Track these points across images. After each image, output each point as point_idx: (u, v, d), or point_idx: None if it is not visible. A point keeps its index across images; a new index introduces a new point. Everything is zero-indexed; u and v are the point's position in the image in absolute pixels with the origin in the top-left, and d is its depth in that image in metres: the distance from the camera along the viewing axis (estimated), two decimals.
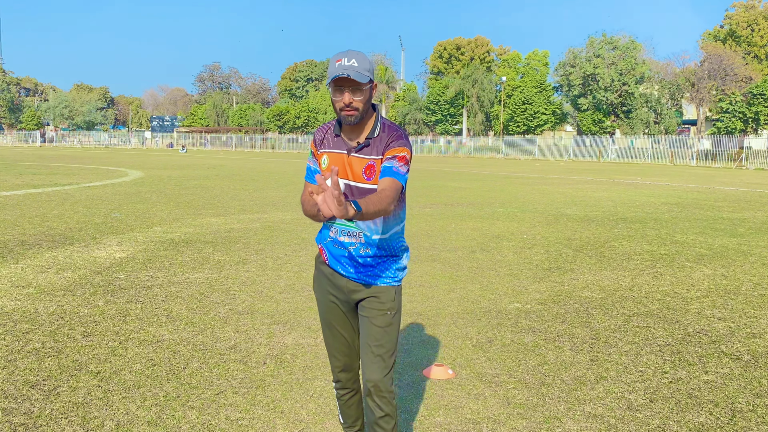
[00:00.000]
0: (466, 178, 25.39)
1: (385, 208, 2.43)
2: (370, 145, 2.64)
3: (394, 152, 2.59)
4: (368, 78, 2.55)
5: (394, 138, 2.63)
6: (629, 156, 52.27)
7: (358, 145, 2.65)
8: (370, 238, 2.70)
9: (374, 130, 2.65)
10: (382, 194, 2.46)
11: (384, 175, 2.56)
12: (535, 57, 74.79)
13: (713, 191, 20.14)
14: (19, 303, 5.76)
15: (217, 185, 19.46)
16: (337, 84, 2.55)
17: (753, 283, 7.01)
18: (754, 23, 68.23)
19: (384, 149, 2.62)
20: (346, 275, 2.77)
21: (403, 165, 2.58)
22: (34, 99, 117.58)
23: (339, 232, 2.74)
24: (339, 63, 2.52)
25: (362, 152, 2.65)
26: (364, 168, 2.64)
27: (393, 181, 2.53)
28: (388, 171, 2.56)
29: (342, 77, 2.51)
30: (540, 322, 5.49)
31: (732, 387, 4.13)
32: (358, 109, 2.57)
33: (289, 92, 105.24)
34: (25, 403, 3.71)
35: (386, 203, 2.43)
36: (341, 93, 2.55)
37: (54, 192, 16.09)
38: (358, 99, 2.55)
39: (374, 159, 2.63)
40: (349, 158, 2.66)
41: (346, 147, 2.67)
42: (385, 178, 2.55)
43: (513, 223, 11.55)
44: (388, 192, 2.48)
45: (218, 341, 4.85)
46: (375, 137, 2.65)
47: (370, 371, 2.68)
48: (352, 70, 2.50)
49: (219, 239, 9.32)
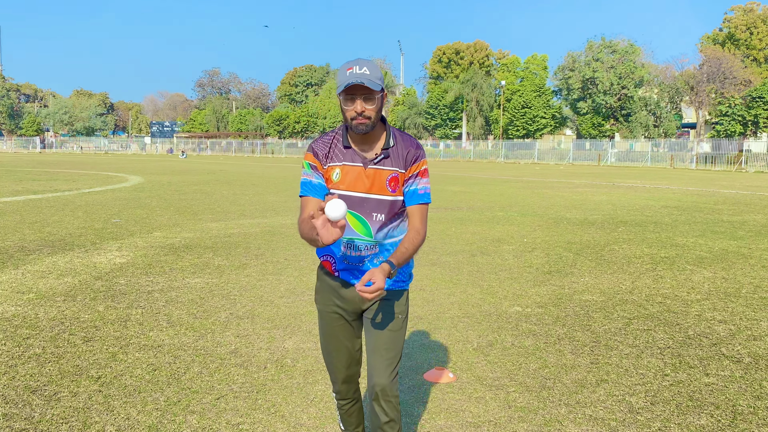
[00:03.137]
0: (465, 182, 25.40)
1: (419, 244, 2.60)
2: (390, 156, 2.61)
3: (419, 167, 2.64)
4: (380, 86, 2.51)
5: (414, 150, 2.64)
6: (629, 159, 52.31)
7: (376, 157, 2.60)
8: (383, 245, 2.69)
9: (389, 140, 2.62)
10: (414, 236, 2.60)
11: (412, 201, 2.63)
12: (534, 61, 74.89)
13: (713, 194, 20.15)
14: (19, 308, 5.76)
15: (217, 190, 19.47)
16: (348, 92, 2.48)
17: (753, 286, 7.01)
18: (753, 26, 68.36)
19: (406, 163, 2.61)
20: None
21: (426, 181, 2.66)
22: (33, 105, 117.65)
23: (354, 247, 2.67)
24: (350, 71, 2.46)
25: (382, 163, 2.60)
26: (388, 180, 2.60)
27: (422, 210, 2.64)
28: (416, 196, 2.63)
29: (354, 85, 2.46)
30: (540, 325, 5.49)
31: (733, 389, 4.13)
32: (370, 117, 2.50)
33: (289, 97, 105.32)
34: (25, 408, 3.70)
35: (419, 242, 2.61)
36: (353, 101, 2.49)
37: (54, 198, 16.09)
38: (371, 107, 2.50)
39: (397, 171, 2.61)
40: (367, 170, 2.60)
41: (360, 159, 2.61)
42: (413, 207, 2.63)
43: (513, 227, 11.56)
44: (419, 233, 2.62)
45: (219, 346, 4.85)
46: (392, 147, 2.61)
47: (378, 375, 2.66)
48: (365, 77, 2.44)
49: (219, 244, 9.32)
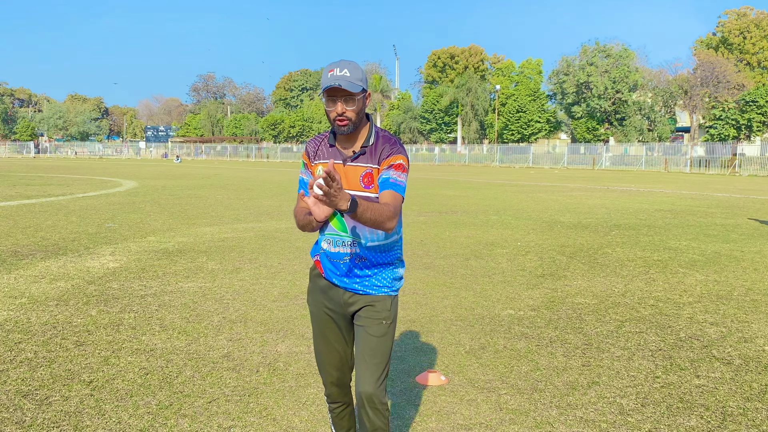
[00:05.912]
0: (460, 187, 25.45)
1: (383, 222, 2.46)
2: (366, 153, 2.65)
3: (392, 161, 2.61)
4: (361, 87, 2.55)
5: (390, 146, 2.64)
6: (623, 163, 52.44)
7: (354, 154, 2.65)
8: (365, 246, 2.69)
9: (369, 139, 2.66)
10: (384, 207, 2.47)
11: (384, 187, 2.57)
12: (529, 65, 75.08)
13: (706, 198, 20.23)
14: (11, 313, 5.75)
15: (212, 195, 19.46)
16: (329, 94, 2.55)
17: (745, 289, 7.04)
18: (746, 31, 68.71)
19: (381, 158, 2.63)
20: (342, 286, 2.75)
21: (401, 173, 2.60)
22: (28, 110, 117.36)
23: (334, 243, 2.71)
24: (331, 73, 2.52)
25: (358, 160, 2.65)
26: (362, 176, 2.63)
27: (393, 195, 2.55)
28: (387, 183, 2.58)
29: (334, 87, 2.51)
30: (533, 328, 5.50)
31: (723, 391, 4.15)
32: (350, 119, 2.56)
33: (284, 102, 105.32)
34: (17, 412, 3.70)
35: (385, 217, 2.45)
36: (334, 103, 2.55)
37: (47, 202, 16.06)
38: (351, 109, 2.55)
39: (371, 167, 2.64)
40: (345, 167, 2.65)
41: (341, 157, 2.67)
42: (385, 192, 2.56)
43: (507, 231, 11.58)
44: (389, 207, 2.49)
45: (211, 350, 4.85)
46: (370, 145, 2.66)
47: (364, 381, 2.66)
48: (344, 80, 2.50)
49: (213, 248, 9.32)
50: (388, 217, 2.46)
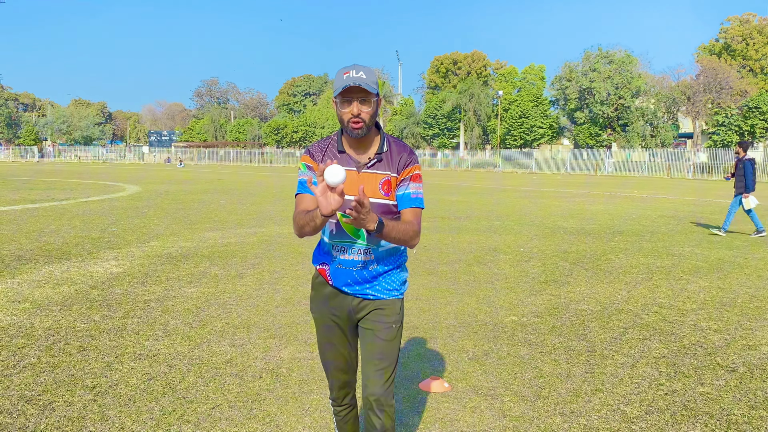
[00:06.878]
0: (463, 192, 25.44)
1: (408, 241, 2.58)
2: (383, 160, 2.65)
3: (410, 171, 2.65)
4: (376, 90, 2.56)
5: (407, 155, 2.67)
6: (626, 169, 52.41)
7: (369, 161, 2.64)
8: (377, 251, 2.68)
9: (382, 146, 2.66)
10: (408, 227, 2.56)
11: (405, 204, 2.64)
12: (532, 71, 75.23)
13: (710, 204, 20.20)
14: (15, 318, 5.75)
15: (215, 200, 19.48)
16: (345, 95, 2.55)
17: (749, 295, 7.03)
18: (749, 37, 68.71)
19: (399, 167, 2.64)
20: (352, 293, 2.72)
21: (419, 185, 2.68)
22: (32, 114, 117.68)
23: (344, 250, 2.68)
24: (347, 75, 2.53)
25: (375, 167, 2.64)
26: (381, 183, 2.63)
27: (415, 213, 2.65)
28: (408, 199, 2.64)
29: (351, 88, 2.52)
30: (536, 335, 5.49)
31: (727, 399, 4.13)
32: (365, 120, 2.56)
33: (287, 107, 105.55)
34: (20, 418, 3.70)
35: (410, 236, 2.58)
36: (349, 104, 2.56)
37: (51, 207, 16.09)
38: (367, 110, 2.56)
39: (390, 175, 2.64)
40: (360, 174, 2.63)
41: (354, 163, 2.64)
42: (407, 210, 2.64)
43: (510, 237, 11.58)
44: (414, 226, 2.60)
45: (214, 355, 4.85)
46: (385, 152, 2.66)
47: (373, 385, 2.67)
48: (362, 80, 2.52)
49: (216, 253, 9.32)
50: (411, 237, 2.60)
